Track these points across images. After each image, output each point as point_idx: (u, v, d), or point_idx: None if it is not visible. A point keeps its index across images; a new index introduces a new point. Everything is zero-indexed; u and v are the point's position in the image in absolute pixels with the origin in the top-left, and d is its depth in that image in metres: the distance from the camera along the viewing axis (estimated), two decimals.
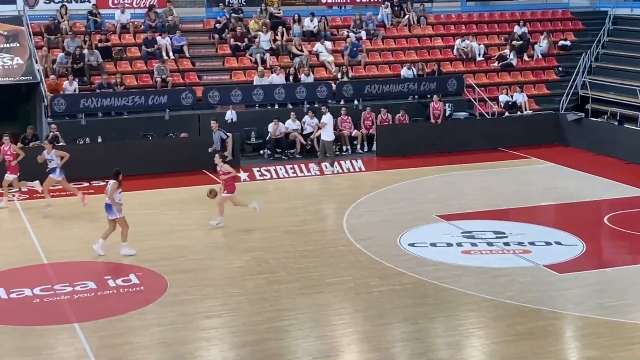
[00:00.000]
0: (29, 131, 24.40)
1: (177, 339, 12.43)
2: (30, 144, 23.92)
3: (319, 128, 25.13)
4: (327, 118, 24.73)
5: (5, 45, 26.88)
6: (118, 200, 16.37)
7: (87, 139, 24.81)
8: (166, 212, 19.93)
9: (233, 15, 30.46)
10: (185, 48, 28.79)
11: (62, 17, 28.53)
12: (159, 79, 26.98)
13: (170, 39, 28.63)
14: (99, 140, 24.93)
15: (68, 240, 17.62)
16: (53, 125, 24.05)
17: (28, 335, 12.61)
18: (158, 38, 28.48)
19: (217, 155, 19.24)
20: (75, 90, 25.90)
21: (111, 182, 16.31)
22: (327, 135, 24.63)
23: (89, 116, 25.68)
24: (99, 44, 27.80)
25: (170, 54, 28.39)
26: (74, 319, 13.17)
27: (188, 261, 16.14)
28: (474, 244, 17.12)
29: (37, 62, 26.52)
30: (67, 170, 21.35)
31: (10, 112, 27.76)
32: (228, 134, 23.38)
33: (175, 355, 11.95)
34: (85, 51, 27.09)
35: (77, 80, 26.17)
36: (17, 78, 26.20)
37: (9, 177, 20.69)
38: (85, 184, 22.54)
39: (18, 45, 26.98)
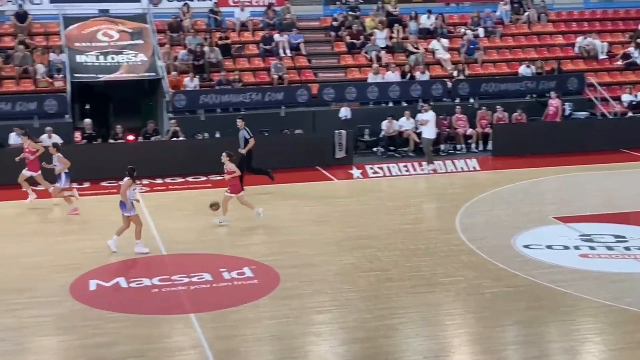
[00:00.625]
0: (150, 126, 25.14)
1: (289, 333, 12.57)
2: (152, 139, 24.67)
3: (421, 125, 24.87)
4: (429, 115, 24.48)
5: (130, 42, 27.78)
6: (132, 197, 16.47)
7: (206, 134, 25.38)
8: (280, 207, 20.16)
9: (350, 13, 30.56)
10: (301, 45, 29.08)
11: (184, 15, 29.28)
12: (275, 76, 27.35)
13: (288, 36, 28.96)
14: (217, 135, 25.45)
15: (186, 233, 18.05)
16: (173, 121, 24.72)
17: (146, 324, 12.98)
18: (276, 35, 28.86)
19: (224, 153, 18.85)
20: (195, 87, 26.53)
21: (125, 179, 16.38)
22: (428, 133, 24.40)
23: (208, 112, 26.26)
24: (219, 42, 28.39)
25: (287, 51, 28.72)
26: (190, 309, 13.48)
27: (300, 256, 16.29)
28: (592, 248, 16.62)
29: (159, 59, 27.29)
30: (188, 166, 22.02)
31: (133, 107, 28.73)
32: (251, 134, 22.73)
33: (286, 348, 12.07)
34: (206, 48, 27.70)
35: (197, 76, 26.80)
36: (141, 74, 27.05)
37: (27, 172, 20.58)
38: (203, 178, 23.06)
39: (142, 42, 27.84)
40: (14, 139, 23.18)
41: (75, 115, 26.73)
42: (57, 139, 23.56)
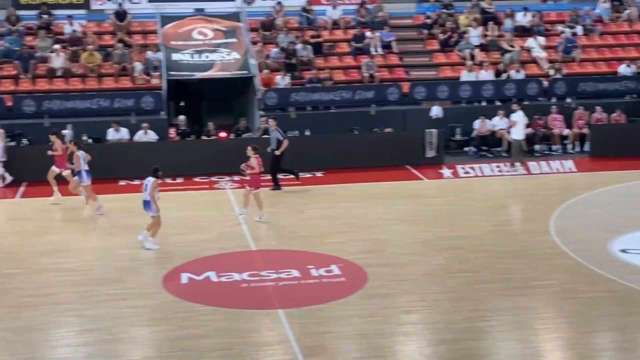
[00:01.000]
0: (242, 123, 25.42)
1: (376, 332, 12.51)
2: (243, 136, 24.95)
3: (510, 126, 24.41)
4: (518, 116, 24.00)
5: (224, 41, 28.17)
6: (157, 198, 16.57)
7: (297, 132, 25.53)
8: (369, 205, 20.11)
9: (443, 10, 30.27)
10: (393, 43, 28.94)
11: (277, 14, 29.52)
12: (366, 74, 27.30)
13: (379, 34, 28.87)
14: (307, 133, 25.56)
15: (275, 229, 18.18)
16: (263, 118, 24.94)
17: (235, 318, 13.12)
18: (367, 33, 28.81)
19: (249, 147, 18.70)
20: (286, 85, 26.72)
21: (151, 179, 16.43)
22: (516, 134, 23.94)
23: (299, 110, 26.41)
24: (311, 40, 28.51)
25: (379, 49, 28.63)
26: (278, 305, 13.56)
27: (388, 255, 16.20)
28: None
29: (252, 57, 27.58)
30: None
31: (225, 105, 29.12)
32: (285, 135, 22.63)
33: (373, 347, 12.02)
34: (298, 46, 27.87)
35: (289, 74, 26.97)
36: (233, 72, 27.39)
37: (56, 169, 20.59)
38: (292, 175, 23.20)
39: (236, 40, 28.19)
40: (112, 134, 23.77)
41: (170, 112, 27.27)
42: (152, 135, 24.15)
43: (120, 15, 28.57)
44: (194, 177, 23.12)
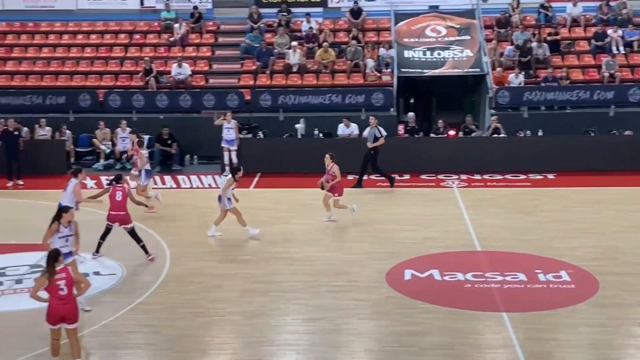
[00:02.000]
0: (468, 120, 25.02)
1: (606, 342, 11.90)
2: (472, 134, 24.60)
3: None
4: None
5: (457, 38, 27.92)
6: (229, 195, 16.95)
7: (528, 132, 24.82)
8: (603, 211, 19.17)
9: None
10: (635, 43, 27.39)
11: (513, 11, 28.85)
12: (606, 74, 26.05)
13: (622, 32, 27.43)
14: (540, 133, 24.79)
15: (502, 230, 17.76)
16: (494, 117, 24.46)
17: (457, 318, 12.95)
18: (609, 31, 27.48)
19: (328, 155, 18.56)
20: (520, 83, 26.05)
21: (228, 177, 16.97)
22: None
23: (532, 109, 25.66)
24: (548, 37, 27.62)
25: (621, 48, 27.21)
26: (502, 308, 13.24)
27: (622, 264, 15.34)
28: None
29: (485, 55, 27.14)
30: (508, 163, 21.69)
31: (455, 103, 28.86)
32: (384, 133, 21.96)
33: (602, 358, 11.44)
34: (534, 44, 27.08)
35: (522, 73, 26.28)
36: (465, 70, 27.08)
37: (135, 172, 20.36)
38: (522, 177, 22.62)
39: (469, 38, 27.85)
40: (342, 129, 24.24)
41: (400, 108, 27.41)
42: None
43: (356, 12, 29.09)
44: (420, 175, 23.11)
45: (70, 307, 10.92)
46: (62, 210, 12.92)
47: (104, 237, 15.88)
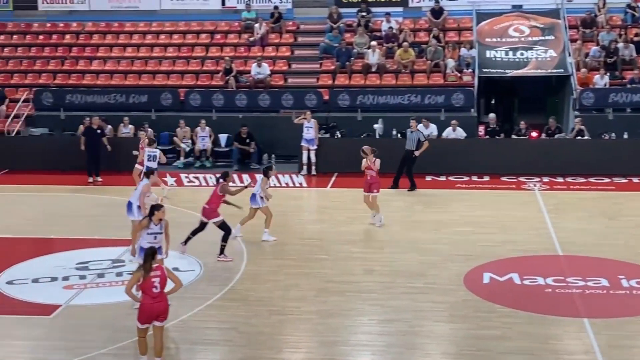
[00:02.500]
0: (551, 122, 24.53)
1: None
2: (555, 136, 24.12)
3: None
4: None
5: (540, 38, 27.43)
6: (262, 193, 16.98)
7: (613, 134, 24.21)
8: None
9: None
10: None
11: (599, 11, 28.20)
12: None
13: None
14: (625, 136, 24.16)
15: (584, 235, 17.35)
16: (578, 119, 23.94)
17: (537, 323, 12.68)
18: None
19: (368, 148, 18.60)
20: (605, 85, 25.44)
21: (262, 177, 17.07)
22: None
23: (617, 111, 25.07)
24: (635, 38, 26.89)
25: None
26: (583, 313, 12.92)
27: None
28: None
29: (569, 55, 26.59)
30: (591, 166, 21.27)
31: (538, 104, 28.37)
32: (435, 132, 21.61)
33: None
34: (620, 45, 26.41)
35: (608, 74, 25.66)
36: (549, 70, 26.59)
37: (139, 167, 20.59)
38: (606, 180, 22.12)
39: (553, 38, 27.34)
40: (421, 129, 23.99)
41: (481, 109, 27.06)
42: (461, 132, 24.03)
43: (437, 12, 28.83)
44: (501, 177, 22.75)
45: (163, 306, 10.96)
46: (154, 207, 13.04)
47: (195, 232, 15.97)
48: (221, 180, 16.23)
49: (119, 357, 11.78)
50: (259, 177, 17.42)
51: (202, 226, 16.01)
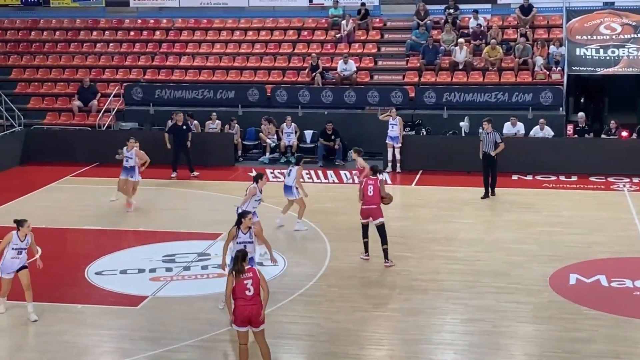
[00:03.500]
0: None
1: None
2: None
3: None
4: None
5: (632, 36, 26.70)
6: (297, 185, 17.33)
7: None
8: None
9: None
10: None
11: None
12: None
13: None
14: None
15: None
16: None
17: (625, 326, 12.42)
18: None
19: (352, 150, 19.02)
20: None
21: (297, 168, 17.42)
22: None
23: None
24: None
25: None
26: None
27: None
28: None
29: None
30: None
31: (629, 103, 27.64)
32: (501, 138, 20.45)
33: None
34: None
35: None
36: None
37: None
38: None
39: None
40: (508, 128, 23.70)
41: (569, 108, 26.53)
42: (548, 131, 23.60)
43: (526, 9, 28.36)
44: (589, 177, 22.27)
45: (256, 309, 10.81)
46: (241, 215, 13.00)
47: (365, 235, 15.67)
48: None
49: (203, 350, 12.00)
50: (294, 168, 17.58)
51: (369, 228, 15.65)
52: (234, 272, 10.85)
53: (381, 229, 15.34)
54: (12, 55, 29.96)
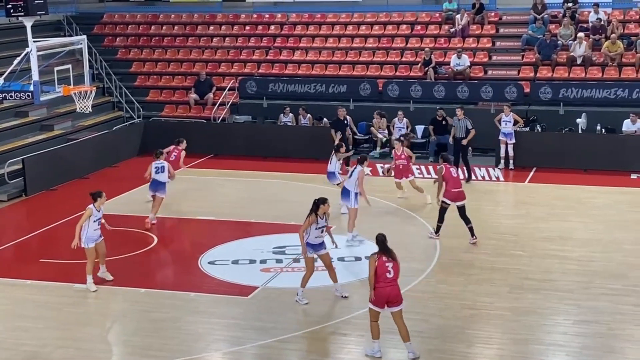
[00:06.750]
0: None
1: None
2: None
3: None
4: None
5: None
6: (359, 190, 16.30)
7: None
8: None
9: None
10: None
11: None
12: None
13: None
14: None
15: None
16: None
17: None
18: None
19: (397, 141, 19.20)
20: None
21: (359, 169, 16.37)
22: None
23: None
24: None
25: None
26: None
27: None
28: None
29: None
30: None
31: None
32: (473, 125, 20.88)
33: None
34: None
35: None
36: None
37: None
38: None
39: None
40: (627, 125, 22.95)
41: None
42: None
43: None
44: None
45: (396, 290, 11.38)
46: (319, 201, 13.30)
47: (441, 219, 16.31)
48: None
49: (312, 341, 12.10)
50: (356, 169, 16.52)
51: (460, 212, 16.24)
52: (376, 255, 11.32)
53: (462, 211, 16.16)
54: (133, 49, 30.88)
